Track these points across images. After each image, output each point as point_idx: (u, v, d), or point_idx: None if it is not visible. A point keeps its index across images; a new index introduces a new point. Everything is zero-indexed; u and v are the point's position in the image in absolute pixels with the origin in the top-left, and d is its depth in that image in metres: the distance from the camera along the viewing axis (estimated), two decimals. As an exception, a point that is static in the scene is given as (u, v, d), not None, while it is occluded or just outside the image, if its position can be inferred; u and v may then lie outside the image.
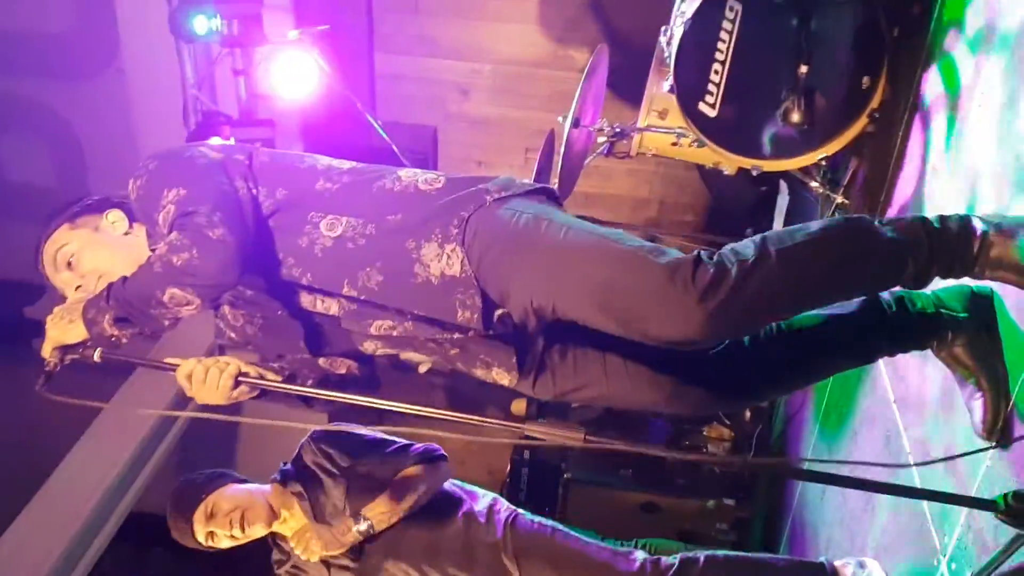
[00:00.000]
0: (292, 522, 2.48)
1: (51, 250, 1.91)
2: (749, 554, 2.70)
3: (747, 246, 1.68)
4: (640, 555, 2.48)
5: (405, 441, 2.58)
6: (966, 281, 1.92)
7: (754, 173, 3.01)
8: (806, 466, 3.27)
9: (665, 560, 2.47)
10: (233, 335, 2.00)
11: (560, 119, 3.17)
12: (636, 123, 3.29)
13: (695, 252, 1.67)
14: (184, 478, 2.48)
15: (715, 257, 1.66)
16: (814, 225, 1.71)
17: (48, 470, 4.54)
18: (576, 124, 3.15)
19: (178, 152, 1.91)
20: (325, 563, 2.51)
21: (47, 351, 1.78)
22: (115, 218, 1.95)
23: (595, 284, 1.72)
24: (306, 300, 1.89)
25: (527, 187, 1.90)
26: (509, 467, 4.58)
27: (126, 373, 4.79)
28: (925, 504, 2.14)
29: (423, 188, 1.87)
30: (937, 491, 1.61)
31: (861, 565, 2.43)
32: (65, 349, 1.78)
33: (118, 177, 1.97)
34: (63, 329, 1.77)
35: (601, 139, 3.44)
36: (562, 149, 3.17)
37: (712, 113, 2.84)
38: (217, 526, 2.36)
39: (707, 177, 4.50)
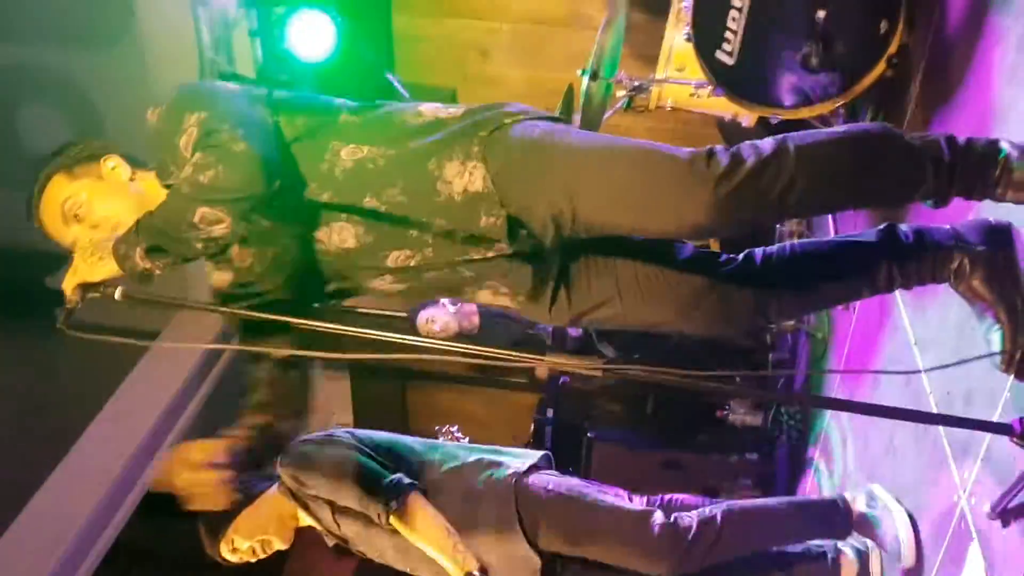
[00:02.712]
0: (309, 519, 2.58)
1: (54, 205, 1.86)
2: (766, 500, 2.71)
3: (766, 141, 1.72)
4: (659, 519, 2.45)
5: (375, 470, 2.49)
6: (985, 215, 1.92)
7: (773, 121, 2.99)
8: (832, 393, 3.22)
9: (682, 522, 2.44)
10: (234, 277, 2.00)
11: (579, 72, 3.16)
12: (654, 76, 3.27)
13: (709, 146, 1.71)
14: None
15: (732, 148, 1.70)
16: (838, 127, 1.73)
17: (74, 438, 4.61)
18: (594, 77, 3.13)
19: (198, 83, 1.93)
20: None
21: (69, 288, 1.74)
22: (114, 163, 1.89)
23: (613, 181, 1.77)
24: (323, 233, 1.88)
25: (543, 114, 1.96)
26: (532, 428, 4.61)
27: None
28: (945, 441, 2.14)
29: (443, 117, 1.91)
30: (953, 416, 1.62)
31: (870, 495, 2.47)
32: (86, 287, 1.74)
33: (139, 144, 1.93)
34: (92, 266, 1.74)
35: (620, 93, 3.43)
36: (581, 104, 3.16)
37: (730, 61, 2.82)
38: (243, 557, 2.53)
39: (726, 133, 4.47)
